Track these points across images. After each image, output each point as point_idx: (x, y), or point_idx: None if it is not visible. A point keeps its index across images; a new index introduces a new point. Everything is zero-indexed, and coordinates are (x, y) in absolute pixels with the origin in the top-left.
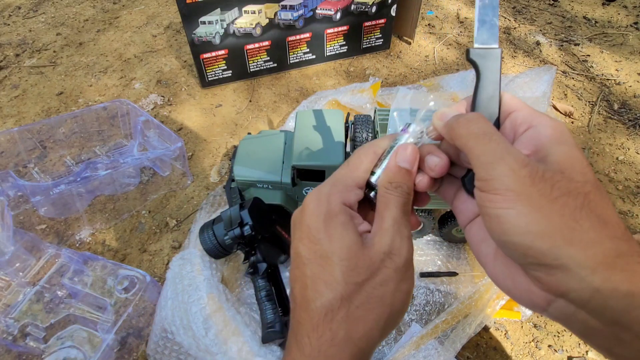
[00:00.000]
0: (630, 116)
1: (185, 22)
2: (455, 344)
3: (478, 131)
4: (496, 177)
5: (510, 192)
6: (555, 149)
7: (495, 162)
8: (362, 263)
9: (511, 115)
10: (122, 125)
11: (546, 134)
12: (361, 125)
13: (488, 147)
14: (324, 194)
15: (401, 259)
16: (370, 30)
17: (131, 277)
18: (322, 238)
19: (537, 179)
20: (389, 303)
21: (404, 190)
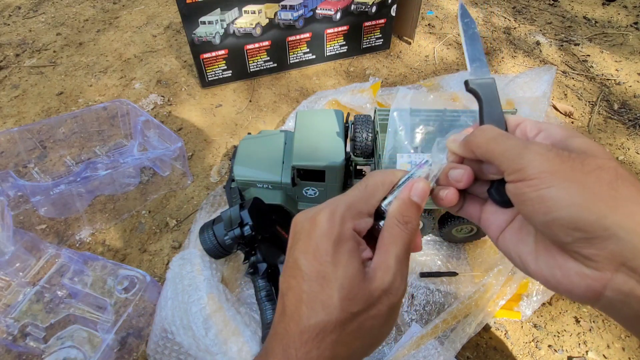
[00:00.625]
0: (630, 116)
1: (185, 22)
2: (455, 344)
3: (495, 135)
4: (527, 164)
5: (545, 173)
6: (572, 140)
7: (521, 152)
8: (361, 295)
9: (520, 125)
10: (122, 125)
11: (558, 133)
12: (361, 125)
13: (509, 143)
14: (338, 216)
15: (396, 298)
16: (370, 30)
17: (131, 277)
18: (328, 261)
19: (565, 158)
20: (376, 335)
21: (413, 226)
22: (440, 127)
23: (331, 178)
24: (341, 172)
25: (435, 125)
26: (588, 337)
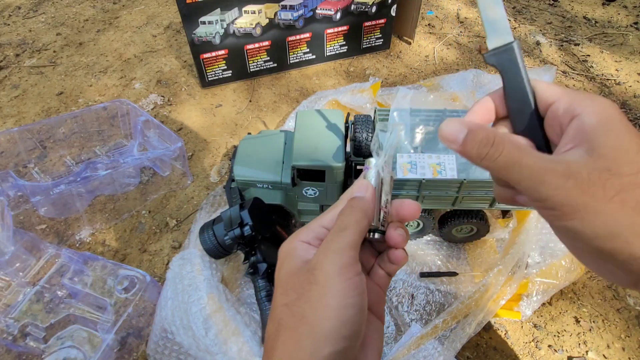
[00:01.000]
0: (630, 116)
1: (185, 22)
2: (455, 343)
3: (507, 162)
4: (546, 198)
5: (565, 207)
6: (600, 140)
7: (538, 187)
8: (292, 284)
9: (552, 107)
10: (122, 125)
11: (590, 123)
12: (361, 125)
13: (523, 174)
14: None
15: (323, 274)
16: (370, 30)
17: (131, 277)
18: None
19: (585, 186)
20: (312, 319)
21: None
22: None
23: (331, 178)
24: (341, 172)
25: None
26: (588, 337)
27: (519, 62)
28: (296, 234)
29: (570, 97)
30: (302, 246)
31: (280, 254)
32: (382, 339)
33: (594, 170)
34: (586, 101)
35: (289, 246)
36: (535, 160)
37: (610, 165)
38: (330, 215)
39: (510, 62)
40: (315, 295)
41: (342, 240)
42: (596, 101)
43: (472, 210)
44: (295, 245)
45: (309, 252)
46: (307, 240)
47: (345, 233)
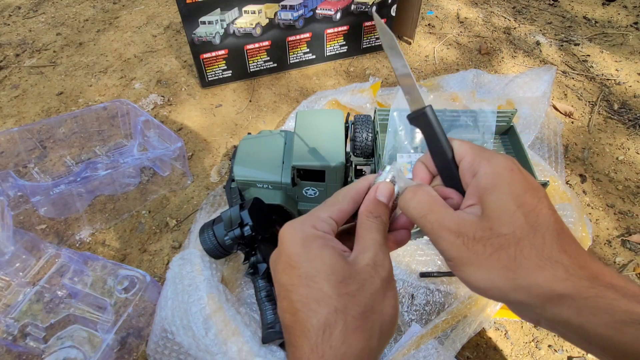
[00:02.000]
0: (630, 116)
1: (185, 22)
2: (455, 343)
3: (415, 215)
4: (443, 251)
5: (456, 259)
6: (487, 200)
7: (437, 240)
8: (350, 275)
9: (461, 163)
10: (122, 125)
11: (483, 183)
12: (361, 125)
13: (427, 228)
14: (297, 223)
15: (385, 271)
16: (370, 30)
17: (131, 277)
18: (303, 261)
19: (470, 244)
20: (380, 311)
21: (382, 220)
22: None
23: (331, 178)
24: (341, 172)
25: None
26: None
27: (433, 123)
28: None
29: (473, 156)
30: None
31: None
32: None
33: (478, 230)
34: (483, 161)
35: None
36: (436, 217)
37: (492, 225)
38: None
39: (426, 124)
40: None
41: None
42: (492, 161)
43: None
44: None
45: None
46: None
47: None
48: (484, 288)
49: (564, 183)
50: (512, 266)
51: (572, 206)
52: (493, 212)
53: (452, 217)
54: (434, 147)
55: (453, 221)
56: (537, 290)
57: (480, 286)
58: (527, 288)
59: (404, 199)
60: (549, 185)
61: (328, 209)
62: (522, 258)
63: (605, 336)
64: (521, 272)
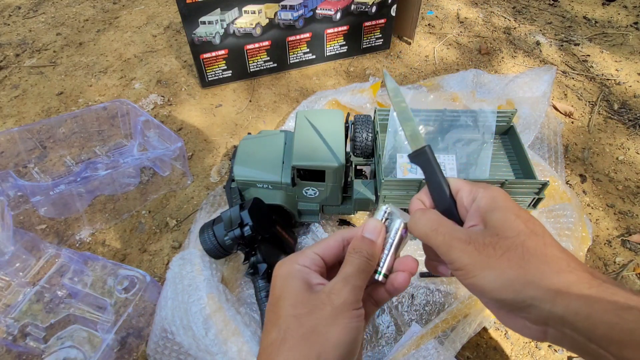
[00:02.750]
0: (630, 116)
1: (185, 22)
2: (455, 343)
3: (427, 229)
4: (454, 260)
5: (468, 265)
6: (489, 216)
7: (448, 251)
8: (303, 300)
9: (458, 194)
10: (122, 125)
11: (482, 204)
12: (361, 125)
13: (438, 240)
14: (287, 259)
15: (340, 299)
16: (370, 30)
17: (131, 277)
18: (276, 289)
19: (481, 248)
20: (324, 334)
21: (362, 255)
22: (440, 127)
23: (331, 178)
24: (341, 172)
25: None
26: None
27: (432, 161)
28: (292, 258)
29: (470, 186)
30: (304, 269)
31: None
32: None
33: (487, 237)
34: (479, 190)
35: (290, 267)
36: (447, 230)
37: (498, 232)
38: (324, 245)
39: (426, 161)
40: (328, 314)
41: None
42: (487, 188)
43: None
44: (298, 268)
45: (310, 275)
46: (306, 265)
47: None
48: (498, 288)
49: (564, 183)
50: (522, 263)
51: (572, 206)
52: (497, 222)
53: (461, 230)
54: (432, 182)
55: (462, 232)
56: (547, 282)
57: (495, 287)
58: (537, 282)
59: (414, 219)
60: (549, 185)
61: (315, 246)
62: (529, 256)
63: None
64: (530, 267)
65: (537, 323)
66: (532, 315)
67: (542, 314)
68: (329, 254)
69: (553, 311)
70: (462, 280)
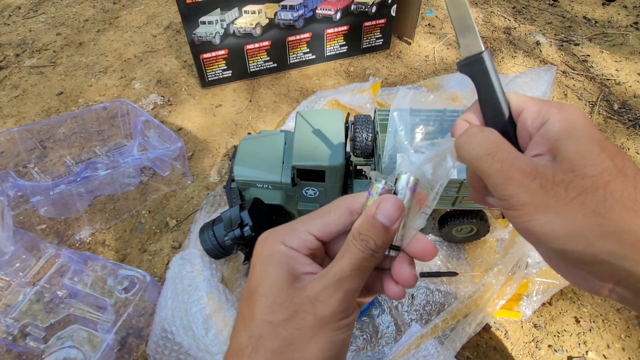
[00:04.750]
0: (630, 116)
1: (185, 22)
2: (455, 343)
3: (481, 152)
4: (510, 196)
5: (527, 206)
6: (564, 145)
7: (505, 183)
8: (282, 301)
9: (521, 115)
10: (122, 125)
11: (554, 130)
12: (361, 125)
13: (493, 168)
14: (270, 235)
15: (326, 309)
16: (370, 30)
17: (131, 277)
18: (254, 274)
19: (549, 187)
20: (301, 350)
21: (368, 245)
22: (440, 127)
23: (331, 178)
24: (341, 172)
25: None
26: (588, 337)
27: (490, 71)
28: (279, 234)
29: (538, 106)
30: (290, 253)
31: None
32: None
33: (558, 172)
34: (552, 109)
35: (273, 248)
36: (507, 156)
37: (574, 166)
38: (323, 222)
39: (482, 72)
40: (310, 327)
41: (356, 281)
42: (562, 109)
43: (472, 210)
44: (282, 250)
45: (297, 262)
46: (293, 247)
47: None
48: (563, 237)
49: None
50: (601, 210)
51: None
52: (574, 155)
53: (524, 158)
54: (487, 100)
55: (526, 163)
56: (632, 237)
57: (560, 235)
58: (619, 234)
59: (466, 136)
60: None
61: (309, 221)
62: (612, 201)
63: None
64: (612, 216)
65: (604, 279)
66: (601, 271)
67: (616, 272)
68: (329, 232)
69: (633, 271)
70: (516, 222)
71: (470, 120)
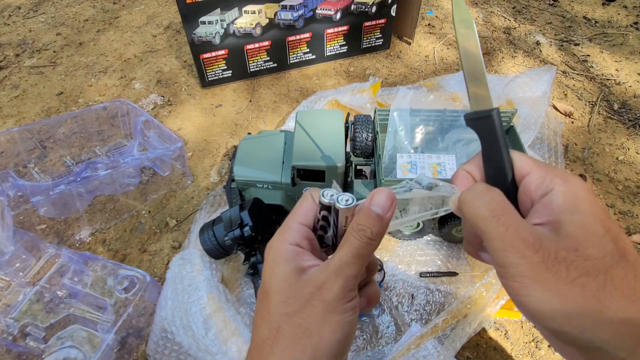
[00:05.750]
0: (630, 116)
1: (185, 22)
2: (455, 343)
3: (486, 212)
4: (510, 265)
5: (526, 279)
6: (569, 220)
7: (506, 250)
8: (294, 294)
9: (525, 179)
10: (122, 125)
11: (558, 202)
12: (361, 125)
13: (497, 231)
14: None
15: (331, 294)
16: (370, 30)
17: (131, 277)
18: (265, 277)
19: (550, 263)
20: (317, 333)
21: (365, 234)
22: (440, 127)
23: (331, 178)
24: (341, 172)
25: (435, 125)
26: None
27: (498, 131)
28: (282, 234)
29: (543, 173)
30: (294, 249)
31: (269, 254)
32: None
33: (561, 249)
34: (556, 179)
35: (279, 247)
36: (512, 222)
37: (577, 245)
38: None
39: (489, 130)
40: (320, 312)
41: (355, 268)
42: (566, 180)
43: None
44: (287, 248)
45: (301, 257)
46: (296, 242)
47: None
48: (561, 318)
49: None
50: (601, 296)
51: None
52: (577, 232)
53: (529, 227)
54: (491, 158)
55: (531, 233)
56: (628, 328)
57: (557, 316)
58: (616, 324)
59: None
60: None
61: (295, 216)
62: (612, 288)
63: None
64: (612, 304)
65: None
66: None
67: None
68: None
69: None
70: (513, 293)
71: (472, 173)
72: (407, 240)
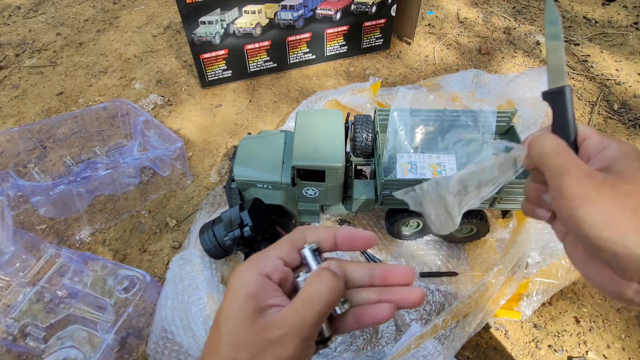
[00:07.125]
0: (630, 116)
1: (185, 22)
2: (455, 343)
3: (549, 149)
4: (565, 186)
5: (577, 197)
6: (618, 162)
7: (563, 175)
8: (245, 341)
9: (585, 142)
10: (122, 125)
11: (612, 153)
12: (361, 125)
13: (557, 162)
14: (244, 264)
15: (285, 353)
16: (370, 30)
17: (131, 277)
18: (223, 305)
19: (599, 185)
20: None
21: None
22: (440, 127)
23: (331, 178)
24: (341, 172)
25: (435, 125)
26: (588, 337)
27: (568, 103)
28: (254, 261)
29: (601, 136)
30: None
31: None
32: None
33: (609, 177)
34: (612, 141)
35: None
36: (570, 156)
37: (623, 175)
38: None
39: (561, 102)
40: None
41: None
42: (620, 142)
43: (472, 210)
44: (254, 278)
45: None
46: (266, 273)
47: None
48: (602, 225)
49: None
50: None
51: None
52: (624, 169)
53: (584, 163)
54: (560, 124)
55: (585, 166)
56: None
57: (600, 224)
58: None
59: (539, 137)
60: None
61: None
62: None
63: None
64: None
65: (630, 277)
66: (629, 267)
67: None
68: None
69: None
70: (564, 209)
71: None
72: (407, 240)
